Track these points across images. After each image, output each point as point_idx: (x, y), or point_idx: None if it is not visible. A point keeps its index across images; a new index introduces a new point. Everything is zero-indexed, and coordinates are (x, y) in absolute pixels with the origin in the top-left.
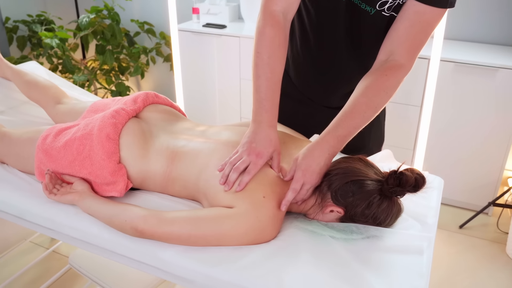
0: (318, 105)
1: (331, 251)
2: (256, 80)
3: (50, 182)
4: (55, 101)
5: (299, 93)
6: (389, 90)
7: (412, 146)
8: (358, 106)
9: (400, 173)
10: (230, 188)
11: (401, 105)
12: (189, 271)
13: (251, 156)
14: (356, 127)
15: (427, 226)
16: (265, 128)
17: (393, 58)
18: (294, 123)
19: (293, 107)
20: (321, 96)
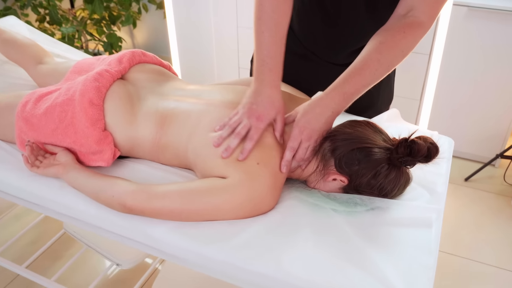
0: (323, 61)
1: (333, 226)
2: (259, 35)
3: (31, 154)
4: (36, 61)
5: (302, 47)
6: (406, 49)
7: (419, 96)
8: (369, 63)
9: (412, 141)
10: (229, 155)
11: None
12: (181, 249)
13: (251, 119)
14: (365, 85)
15: (436, 195)
16: (268, 88)
17: (413, 14)
18: (295, 80)
19: (294, 63)
20: (328, 51)
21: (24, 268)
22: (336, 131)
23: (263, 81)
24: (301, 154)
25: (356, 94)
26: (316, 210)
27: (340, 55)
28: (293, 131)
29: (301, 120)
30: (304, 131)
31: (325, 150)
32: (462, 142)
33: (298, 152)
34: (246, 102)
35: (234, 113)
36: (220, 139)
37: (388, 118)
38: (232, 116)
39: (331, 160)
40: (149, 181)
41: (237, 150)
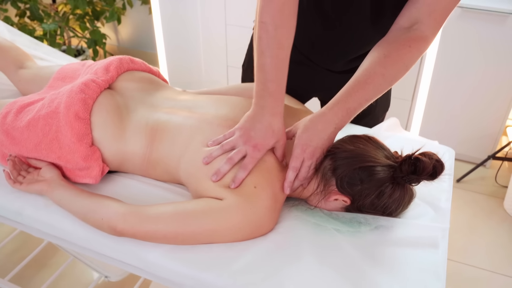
0: (320, 68)
1: (337, 248)
2: (260, 56)
3: (14, 169)
4: (17, 65)
5: (298, 53)
6: (409, 63)
7: (411, 97)
8: (374, 77)
9: (416, 158)
10: (218, 179)
11: None
12: (176, 274)
13: (247, 146)
14: (367, 100)
15: (440, 211)
16: (268, 115)
17: (418, 28)
18: (290, 86)
19: (290, 69)
20: (326, 58)
21: (7, 281)
22: (336, 149)
23: (263, 107)
24: (303, 173)
25: (358, 108)
26: (319, 231)
27: (337, 63)
28: (295, 149)
29: (302, 137)
30: (306, 149)
31: (326, 169)
32: (454, 143)
33: (300, 171)
34: (243, 126)
35: (229, 133)
36: (210, 158)
37: (387, 128)
38: (227, 136)
39: (332, 179)
40: (140, 198)
41: (229, 175)
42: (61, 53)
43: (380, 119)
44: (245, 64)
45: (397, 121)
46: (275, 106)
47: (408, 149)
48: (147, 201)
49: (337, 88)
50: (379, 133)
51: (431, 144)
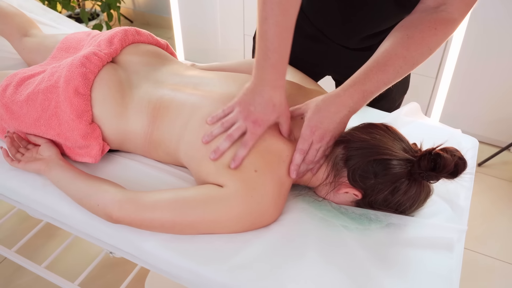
0: (334, 44)
1: (343, 247)
2: (263, 23)
3: (12, 146)
4: (21, 33)
5: (312, 27)
6: (434, 46)
7: (435, 74)
8: (394, 59)
9: (436, 154)
10: (217, 157)
11: None
12: (173, 266)
13: (247, 122)
14: (386, 83)
15: (459, 210)
16: (269, 88)
17: (446, 9)
18: (302, 62)
19: (302, 43)
20: (340, 34)
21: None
22: (350, 136)
23: (263, 79)
24: (311, 156)
25: (376, 92)
26: (325, 227)
27: (353, 39)
28: (304, 130)
29: (313, 118)
30: (316, 131)
31: (337, 157)
32: (478, 124)
33: (308, 154)
34: (242, 100)
35: (228, 108)
36: (210, 136)
37: (407, 113)
38: (226, 111)
39: (344, 170)
40: (141, 181)
41: (229, 154)
42: (69, 19)
43: (397, 102)
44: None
45: (418, 106)
46: (276, 79)
47: (429, 138)
48: (148, 184)
49: (351, 66)
50: (398, 118)
51: (453, 132)
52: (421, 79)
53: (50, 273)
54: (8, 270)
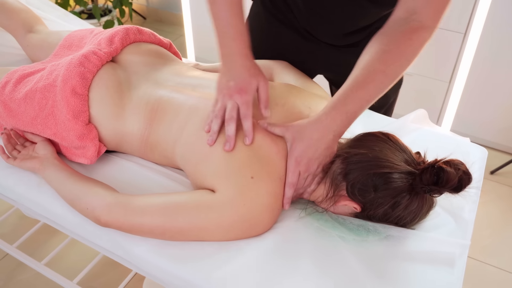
0: (322, 42)
1: (339, 260)
2: (212, 6)
3: (8, 144)
4: (26, 29)
5: (299, 26)
6: (411, 56)
7: (449, 78)
8: (373, 75)
9: (439, 168)
10: (232, 146)
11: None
12: (164, 272)
13: (235, 97)
14: (368, 100)
15: (462, 223)
16: (238, 58)
17: (417, 18)
18: (296, 59)
19: (294, 40)
20: (324, 32)
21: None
22: (348, 151)
23: (229, 54)
24: (300, 184)
25: (359, 111)
26: (321, 237)
27: (336, 37)
28: (289, 162)
29: (297, 148)
30: (301, 162)
31: (335, 173)
32: (491, 130)
33: (299, 184)
34: (219, 84)
35: (214, 104)
36: (213, 134)
37: (414, 120)
38: (213, 107)
39: (343, 184)
40: (136, 182)
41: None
42: (74, 16)
43: (392, 98)
44: None
45: (425, 113)
46: (241, 48)
47: (435, 147)
48: (143, 186)
49: (340, 64)
50: (404, 125)
51: (462, 141)
52: (434, 83)
53: (49, 270)
54: (9, 266)
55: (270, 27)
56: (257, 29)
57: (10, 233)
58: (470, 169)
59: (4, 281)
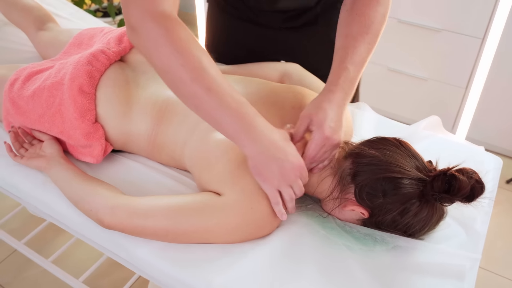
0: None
1: (344, 269)
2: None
3: (15, 142)
4: (37, 26)
5: (252, 14)
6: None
7: (465, 84)
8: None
9: (451, 175)
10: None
11: (454, 34)
12: (166, 276)
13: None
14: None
15: (474, 235)
16: (269, 132)
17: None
18: (257, 48)
19: (252, 30)
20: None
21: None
22: (360, 150)
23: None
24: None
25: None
26: (327, 245)
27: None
28: (314, 133)
29: (318, 118)
30: (324, 130)
31: (345, 172)
32: (509, 137)
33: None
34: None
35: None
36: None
37: (426, 127)
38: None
39: (351, 186)
40: (142, 183)
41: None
42: (87, 14)
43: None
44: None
45: (439, 120)
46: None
47: (448, 155)
48: (148, 188)
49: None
50: (416, 132)
51: (476, 150)
52: (450, 89)
53: (56, 267)
54: (17, 262)
55: (229, 23)
56: (217, 26)
57: (18, 229)
58: (484, 178)
59: (11, 277)
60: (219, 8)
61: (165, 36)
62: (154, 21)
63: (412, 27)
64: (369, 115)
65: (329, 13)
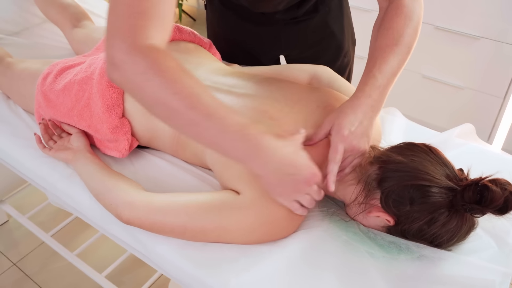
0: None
1: (366, 277)
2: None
3: (45, 134)
4: (73, 24)
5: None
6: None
7: (504, 93)
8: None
9: (484, 186)
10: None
11: (493, 42)
12: (183, 273)
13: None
14: (394, 73)
15: (506, 248)
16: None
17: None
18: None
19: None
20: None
21: (49, 236)
22: (387, 157)
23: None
24: (347, 165)
25: (389, 84)
26: (348, 251)
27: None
28: (332, 139)
29: (340, 125)
30: (346, 139)
31: (371, 177)
32: None
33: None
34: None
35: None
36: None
37: (459, 134)
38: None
39: (377, 192)
40: (165, 180)
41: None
42: None
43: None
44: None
45: (473, 127)
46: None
47: (480, 165)
48: (171, 185)
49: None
50: (449, 139)
51: (511, 161)
52: (487, 98)
53: (80, 261)
54: (44, 254)
55: (229, 23)
56: (219, 26)
57: (47, 222)
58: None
59: (38, 268)
60: (218, 9)
61: (153, 68)
62: (141, 54)
63: (448, 34)
64: (399, 121)
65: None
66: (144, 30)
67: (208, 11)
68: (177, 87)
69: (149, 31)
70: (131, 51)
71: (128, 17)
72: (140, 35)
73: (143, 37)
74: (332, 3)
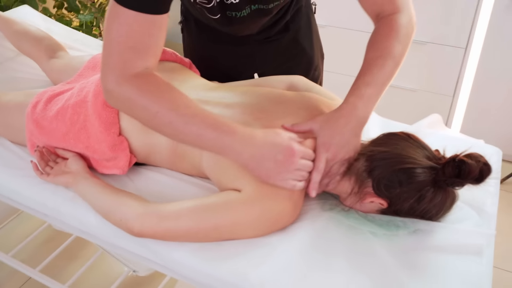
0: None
1: (371, 254)
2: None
3: (41, 160)
4: (49, 55)
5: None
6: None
7: (452, 92)
8: (374, 61)
9: (461, 161)
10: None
11: (438, 46)
12: (203, 275)
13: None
14: (383, 83)
15: (486, 216)
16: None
17: (383, 14)
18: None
19: (228, 50)
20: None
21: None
22: (372, 149)
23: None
24: (333, 173)
25: (376, 95)
26: (353, 234)
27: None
28: (317, 149)
29: (325, 135)
30: (329, 148)
31: (360, 170)
32: (498, 141)
33: (328, 172)
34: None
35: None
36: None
37: (429, 125)
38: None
39: (368, 180)
40: (165, 193)
41: None
42: (95, 39)
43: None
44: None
45: (440, 117)
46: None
47: (451, 149)
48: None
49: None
50: (419, 130)
51: (476, 143)
52: (438, 97)
53: None
54: None
55: (204, 47)
56: (194, 51)
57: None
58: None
59: None
60: (194, 32)
61: (137, 93)
62: (127, 83)
63: None
64: (374, 118)
65: (297, 18)
66: (131, 62)
67: (184, 34)
68: (159, 101)
69: (136, 62)
70: (119, 82)
71: (118, 54)
72: (127, 67)
73: (130, 68)
74: (301, 22)
